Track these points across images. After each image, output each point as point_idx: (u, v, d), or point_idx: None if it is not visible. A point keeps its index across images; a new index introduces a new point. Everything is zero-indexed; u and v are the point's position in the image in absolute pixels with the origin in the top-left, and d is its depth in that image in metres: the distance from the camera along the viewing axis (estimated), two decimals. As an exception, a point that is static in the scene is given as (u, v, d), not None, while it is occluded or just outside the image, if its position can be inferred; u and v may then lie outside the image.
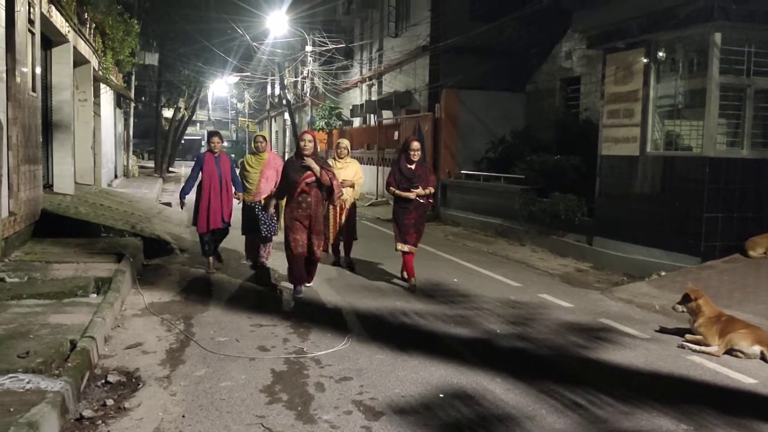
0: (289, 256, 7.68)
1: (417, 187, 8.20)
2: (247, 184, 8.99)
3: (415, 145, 8.34)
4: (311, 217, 7.54)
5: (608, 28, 10.78)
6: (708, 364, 5.71)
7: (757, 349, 5.85)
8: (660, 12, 9.64)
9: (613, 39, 10.74)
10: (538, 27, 16.71)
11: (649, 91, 10.14)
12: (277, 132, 49.07)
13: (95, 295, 6.69)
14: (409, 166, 8.32)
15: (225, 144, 9.20)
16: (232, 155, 9.40)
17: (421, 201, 8.25)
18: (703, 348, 6.02)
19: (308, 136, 7.62)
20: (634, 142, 10.30)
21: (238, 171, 9.25)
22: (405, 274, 8.55)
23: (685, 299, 6.37)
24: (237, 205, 9.05)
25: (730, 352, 5.93)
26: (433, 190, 8.44)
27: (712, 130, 9.25)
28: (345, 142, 9.97)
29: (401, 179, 8.31)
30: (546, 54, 16.92)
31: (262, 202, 8.77)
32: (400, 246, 8.36)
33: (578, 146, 12.96)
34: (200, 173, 8.76)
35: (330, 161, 9.29)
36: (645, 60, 10.16)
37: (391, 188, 8.40)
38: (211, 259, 8.94)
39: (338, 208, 9.49)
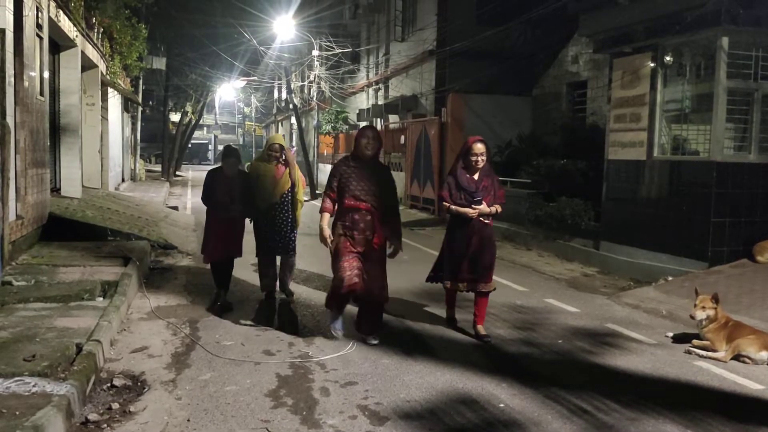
0: (334, 286, 5.99)
1: (480, 203, 6.30)
2: (260, 192, 7.54)
3: (479, 147, 6.37)
4: (369, 245, 5.92)
5: (615, 32, 10.77)
6: (715, 370, 5.68)
7: (764, 354, 5.81)
8: (667, 16, 9.61)
9: (619, 43, 10.72)
10: (545, 31, 16.71)
11: (656, 95, 10.11)
12: (283, 136, 49.08)
13: (102, 299, 6.71)
14: (469, 175, 6.42)
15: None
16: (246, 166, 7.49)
17: (485, 221, 6.38)
18: (710, 354, 5.99)
19: (371, 132, 6.04)
20: (640, 147, 10.27)
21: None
22: (449, 313, 6.92)
23: (715, 299, 6.21)
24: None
25: (738, 357, 5.89)
26: (501, 209, 6.44)
27: (719, 134, 9.22)
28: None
29: (458, 192, 6.40)
30: (552, 58, 16.90)
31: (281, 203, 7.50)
32: (448, 283, 6.58)
33: (585, 150, 12.93)
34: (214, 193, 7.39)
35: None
36: (652, 64, 10.14)
37: (445, 203, 6.49)
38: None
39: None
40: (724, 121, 9.25)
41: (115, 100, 19.74)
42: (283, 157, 7.55)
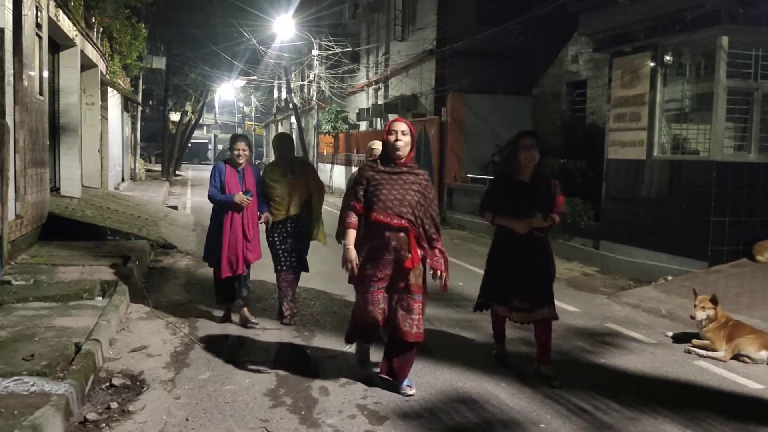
0: (353, 322, 5.02)
1: (533, 213, 5.18)
2: (273, 205, 6.57)
3: (528, 141, 5.25)
4: (401, 270, 4.70)
5: (615, 31, 10.76)
6: (715, 370, 5.67)
7: (764, 354, 5.81)
8: (667, 15, 9.61)
9: (619, 43, 10.72)
10: (545, 30, 16.67)
11: (656, 94, 10.10)
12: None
13: (101, 298, 6.70)
14: (519, 177, 5.30)
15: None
16: (258, 162, 6.05)
17: (540, 234, 5.27)
18: (709, 353, 5.98)
19: (401, 126, 4.80)
20: (640, 146, 10.27)
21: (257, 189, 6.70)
22: (498, 348, 5.76)
23: (713, 301, 6.22)
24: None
25: (737, 357, 5.89)
26: (559, 219, 5.32)
27: (719, 134, 9.21)
28: (378, 145, 6.30)
29: (504, 199, 5.30)
30: (552, 58, 16.89)
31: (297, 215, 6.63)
32: (497, 309, 5.47)
33: (585, 150, 12.91)
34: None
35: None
36: (652, 64, 10.13)
37: (487, 213, 5.39)
38: (245, 309, 6.57)
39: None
40: (723, 120, 9.25)
41: (114, 99, 19.74)
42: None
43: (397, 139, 4.72)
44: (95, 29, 15.13)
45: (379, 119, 25.45)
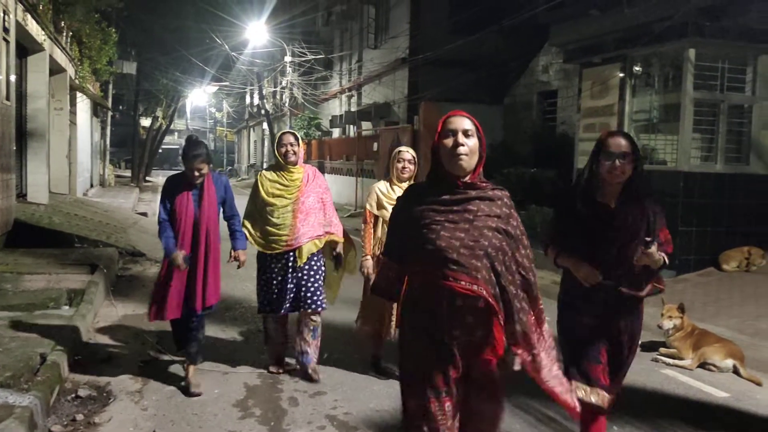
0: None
1: (624, 260, 3.43)
2: (270, 227, 5.06)
3: (618, 143, 3.42)
4: (477, 357, 2.84)
5: (585, 42, 10.92)
6: (681, 378, 5.75)
7: (729, 362, 5.90)
8: (635, 28, 9.77)
9: (589, 54, 10.86)
10: (516, 41, 16.85)
11: (625, 105, 10.26)
12: (255, 142, 48.95)
13: (67, 307, 6.60)
14: (599, 199, 3.50)
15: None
16: (224, 174, 4.79)
17: (634, 291, 3.55)
18: (676, 362, 6.06)
19: (464, 122, 2.86)
20: (609, 156, 10.38)
21: (246, 206, 5.27)
22: None
23: (680, 310, 6.31)
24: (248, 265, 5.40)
25: (704, 365, 5.97)
26: (663, 262, 3.44)
27: (686, 144, 9.37)
28: (411, 153, 5.22)
29: (574, 231, 3.55)
30: (524, 67, 17.08)
31: (302, 254, 5.06)
32: (580, 391, 3.51)
33: (555, 159, 13.06)
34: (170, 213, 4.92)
35: (383, 187, 5.24)
36: (621, 75, 10.29)
37: (550, 249, 3.69)
38: (191, 368, 5.00)
39: None
40: (690, 131, 9.42)
41: (84, 104, 19.49)
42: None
43: (457, 143, 2.78)
44: (64, 33, 14.94)
45: (352, 126, 25.48)
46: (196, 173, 4.79)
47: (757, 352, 6.48)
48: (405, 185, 5.05)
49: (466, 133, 2.81)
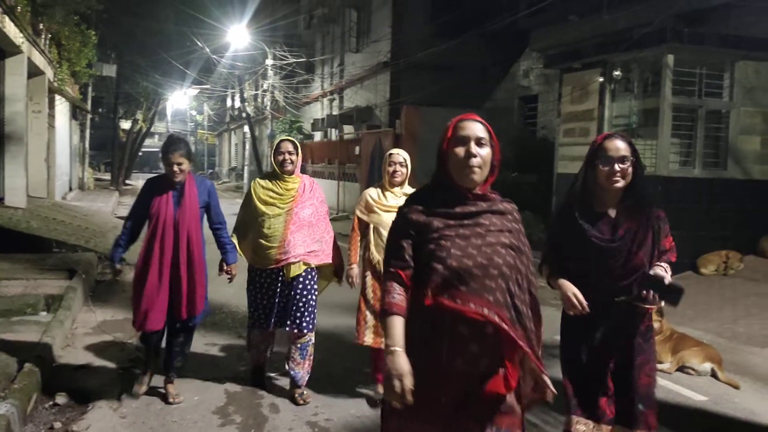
0: None
1: (629, 273, 3.20)
2: (261, 239, 4.78)
3: (614, 146, 3.16)
4: (482, 396, 2.47)
5: (565, 48, 11.01)
6: (660, 381, 5.76)
7: (707, 366, 5.95)
8: (615, 33, 9.88)
9: (569, 59, 10.94)
10: (497, 45, 16.95)
11: (604, 110, 10.34)
12: (236, 145, 48.76)
13: (45, 313, 6.53)
14: (596, 208, 3.26)
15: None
16: (210, 173, 4.35)
17: (637, 306, 3.24)
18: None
19: (476, 128, 2.56)
20: (589, 161, 10.46)
21: (237, 217, 5.05)
22: None
23: (659, 314, 6.37)
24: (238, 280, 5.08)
25: (682, 369, 6.03)
26: (667, 277, 3.17)
27: (665, 149, 9.46)
28: (403, 155, 5.06)
29: (570, 245, 3.28)
30: (505, 72, 17.16)
31: (290, 273, 4.77)
32: (576, 424, 3.29)
33: (536, 164, 13.13)
34: (146, 219, 4.67)
35: (374, 193, 5.00)
36: (600, 79, 10.37)
37: (544, 267, 3.44)
38: (169, 386, 4.83)
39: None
40: (669, 136, 9.51)
41: (62, 107, 19.31)
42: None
43: (470, 154, 2.48)
44: (43, 36, 14.79)
45: (334, 130, 25.47)
46: (176, 168, 4.49)
47: (735, 355, 6.55)
48: (397, 190, 4.92)
49: (479, 142, 2.51)
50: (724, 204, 9.72)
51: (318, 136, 28.46)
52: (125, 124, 35.49)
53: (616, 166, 3.11)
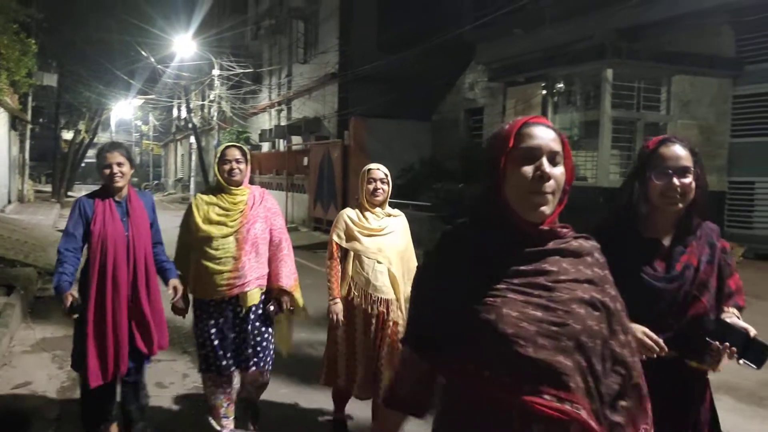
0: None
1: (688, 323, 2.36)
2: (207, 261, 4.02)
3: (679, 152, 2.36)
4: None
5: (509, 61, 11.23)
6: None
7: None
8: (556, 48, 10.12)
9: (513, 72, 11.17)
10: (443, 58, 17.16)
11: (547, 123, 10.57)
12: (183, 155, 48.12)
13: (-19, 332, 6.32)
14: (646, 233, 2.43)
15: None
16: (156, 184, 3.99)
17: (696, 366, 2.44)
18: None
19: (547, 134, 1.66)
20: (534, 172, 10.68)
21: (176, 243, 4.27)
22: None
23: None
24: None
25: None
26: (751, 329, 2.28)
27: (605, 160, 9.71)
28: (383, 170, 4.51)
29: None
30: (451, 85, 17.38)
31: (246, 302, 4.06)
32: None
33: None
34: (86, 242, 3.97)
35: (352, 214, 4.38)
36: (543, 93, 10.61)
37: None
38: None
39: (387, 329, 4.22)
40: (609, 148, 9.77)
41: (1, 117, 18.79)
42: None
43: (543, 175, 1.66)
44: (-20, 44, 14.39)
45: (282, 141, 25.39)
46: (116, 168, 3.81)
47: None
48: (379, 211, 4.33)
49: (553, 159, 1.67)
50: (663, 214, 10.00)
51: (266, 146, 28.31)
52: (67, 135, 34.69)
53: (675, 181, 2.33)
